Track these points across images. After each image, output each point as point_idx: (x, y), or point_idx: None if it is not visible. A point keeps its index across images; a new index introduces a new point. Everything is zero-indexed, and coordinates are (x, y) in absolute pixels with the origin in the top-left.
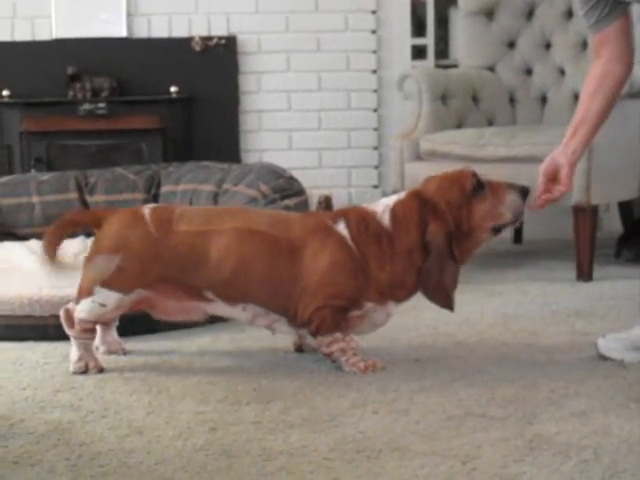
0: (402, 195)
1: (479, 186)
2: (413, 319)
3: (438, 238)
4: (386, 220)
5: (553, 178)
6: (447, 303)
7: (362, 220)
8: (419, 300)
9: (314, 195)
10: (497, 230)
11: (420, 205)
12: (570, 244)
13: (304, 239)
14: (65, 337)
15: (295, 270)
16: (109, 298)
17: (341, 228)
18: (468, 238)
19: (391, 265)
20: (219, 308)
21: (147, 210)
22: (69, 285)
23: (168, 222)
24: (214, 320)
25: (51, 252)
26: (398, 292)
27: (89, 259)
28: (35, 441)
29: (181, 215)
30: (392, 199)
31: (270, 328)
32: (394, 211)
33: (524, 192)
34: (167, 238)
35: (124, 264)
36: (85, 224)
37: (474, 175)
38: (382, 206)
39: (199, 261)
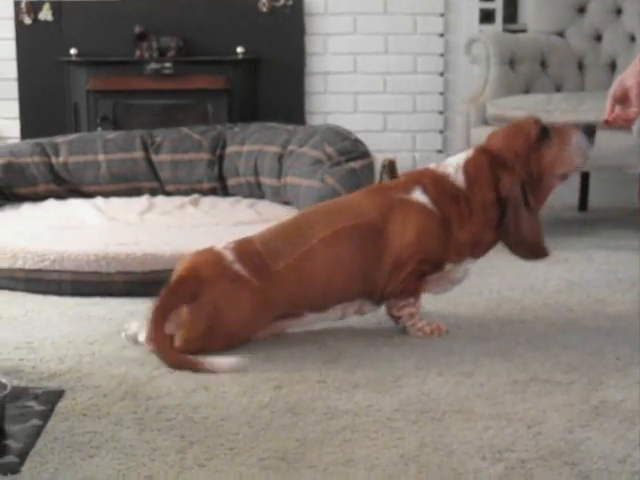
0: (470, 153)
1: (544, 133)
2: (478, 284)
3: (512, 190)
4: (460, 181)
5: (622, 100)
6: (537, 251)
7: (438, 183)
8: (484, 265)
9: (378, 159)
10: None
11: (490, 161)
12: (636, 212)
13: (383, 219)
14: (130, 294)
15: (379, 250)
16: None
17: (418, 195)
18: (540, 185)
19: (470, 224)
20: (310, 319)
21: (230, 255)
22: (134, 242)
23: (263, 265)
24: None
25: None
26: (476, 249)
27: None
28: (102, 394)
29: (266, 247)
30: (461, 158)
31: (359, 312)
32: (466, 170)
33: (589, 131)
34: (271, 283)
35: (221, 324)
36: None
37: (537, 122)
38: (453, 167)
39: (304, 288)
